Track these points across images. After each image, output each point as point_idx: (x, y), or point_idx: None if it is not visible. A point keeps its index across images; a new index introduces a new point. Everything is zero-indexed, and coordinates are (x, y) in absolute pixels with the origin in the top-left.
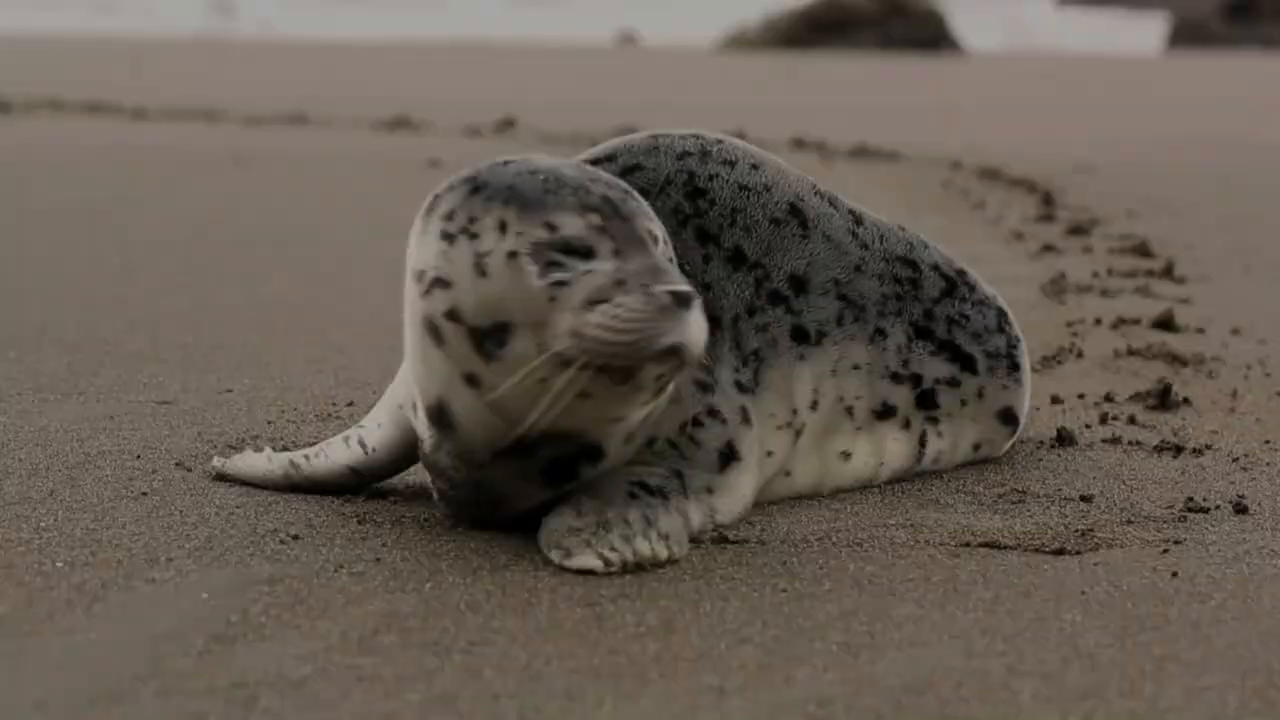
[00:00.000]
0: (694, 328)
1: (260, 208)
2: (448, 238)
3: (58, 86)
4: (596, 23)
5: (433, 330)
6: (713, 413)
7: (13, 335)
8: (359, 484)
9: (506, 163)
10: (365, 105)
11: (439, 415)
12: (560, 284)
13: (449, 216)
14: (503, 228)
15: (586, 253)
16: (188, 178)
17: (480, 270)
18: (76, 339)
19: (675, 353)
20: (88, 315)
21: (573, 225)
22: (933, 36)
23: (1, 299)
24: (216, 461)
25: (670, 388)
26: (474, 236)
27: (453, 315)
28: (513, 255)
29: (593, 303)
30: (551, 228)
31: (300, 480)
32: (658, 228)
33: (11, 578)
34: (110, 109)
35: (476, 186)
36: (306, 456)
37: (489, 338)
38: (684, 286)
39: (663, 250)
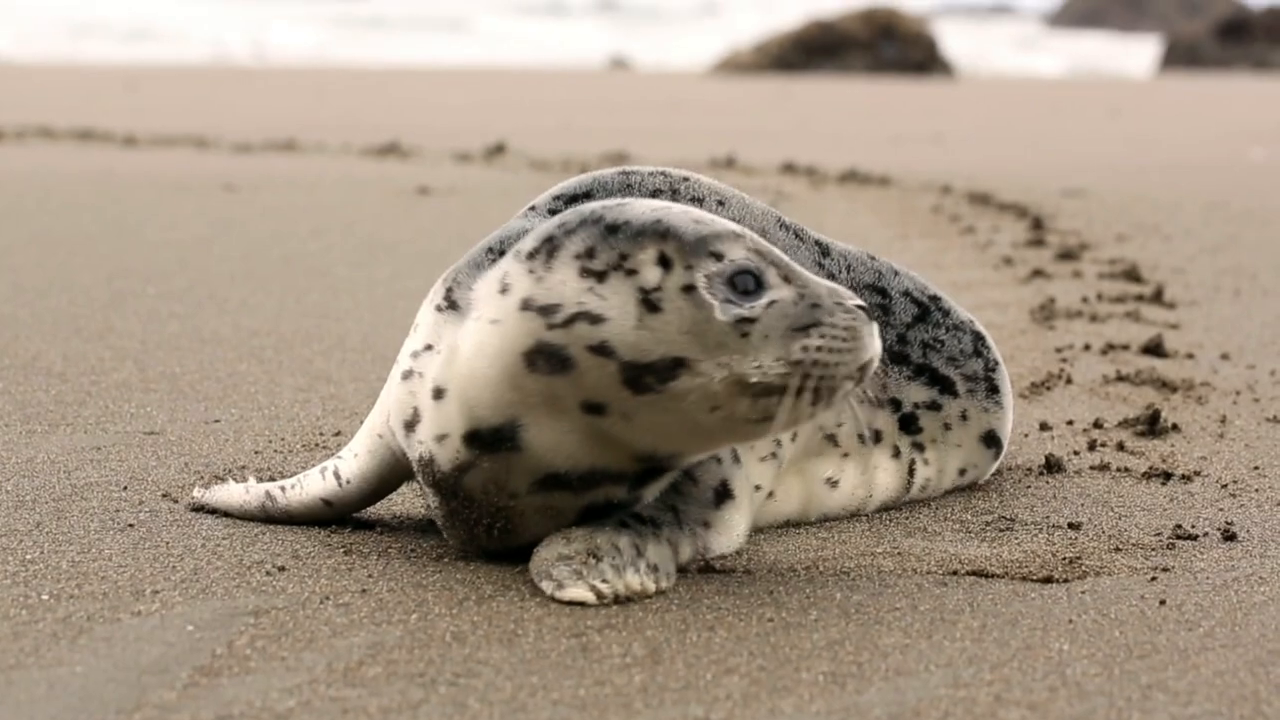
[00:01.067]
0: (879, 340)
1: (249, 235)
2: (594, 275)
3: (48, 113)
4: (588, 47)
5: (556, 359)
6: None
7: (1, 365)
8: (333, 515)
9: (616, 204)
10: (355, 132)
11: (497, 438)
12: (748, 319)
13: (589, 254)
14: (665, 263)
15: (758, 279)
16: (177, 205)
17: (650, 306)
18: (64, 369)
19: (868, 366)
20: (75, 345)
21: (737, 252)
22: (923, 59)
23: None
24: (196, 492)
25: None
26: (631, 273)
27: (602, 349)
28: (688, 289)
29: (797, 329)
30: (718, 257)
31: (276, 513)
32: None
33: None
34: (101, 136)
35: (611, 225)
36: (283, 488)
37: (651, 372)
38: (863, 301)
39: None
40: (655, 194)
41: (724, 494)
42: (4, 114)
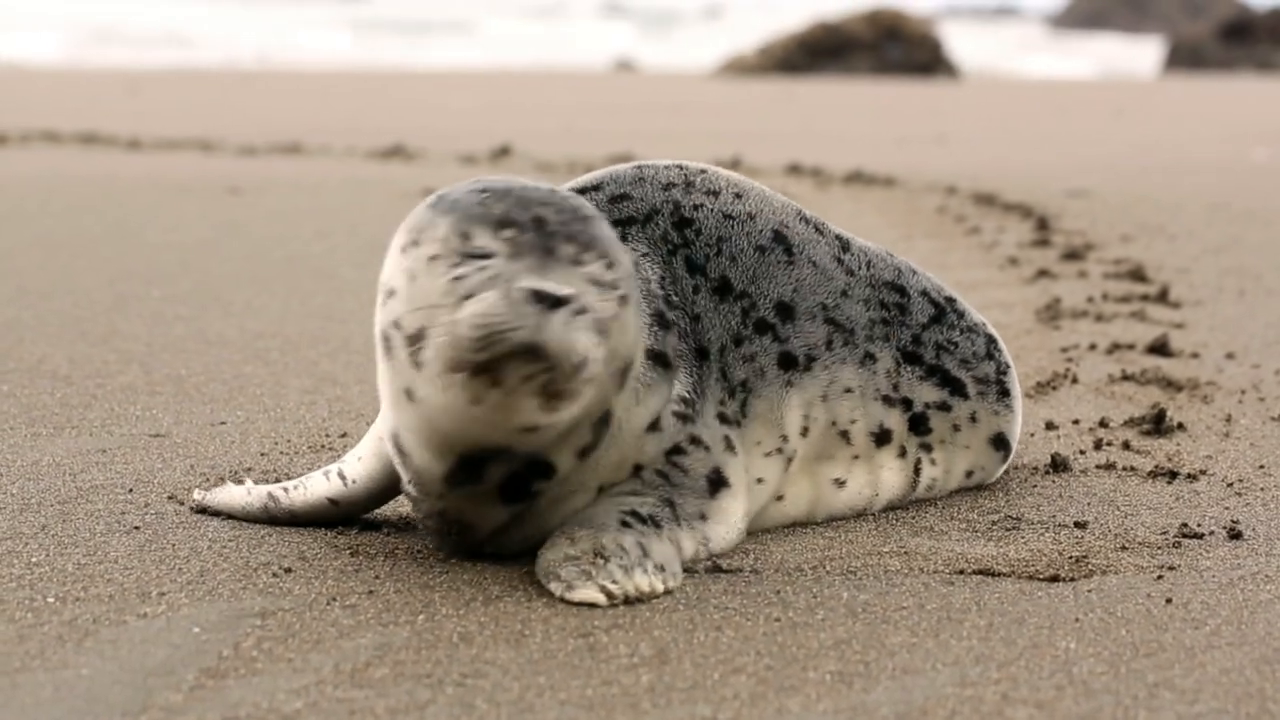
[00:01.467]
0: (555, 328)
1: (254, 238)
2: (402, 249)
3: (52, 118)
4: (592, 49)
5: (384, 341)
6: (695, 441)
7: (5, 368)
8: (337, 516)
9: (478, 180)
10: (360, 134)
11: (396, 443)
12: (458, 279)
13: (408, 229)
14: (429, 237)
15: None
16: (181, 208)
17: (411, 275)
18: (69, 371)
19: (533, 352)
20: (80, 348)
21: (484, 239)
22: (928, 61)
23: None
24: (197, 494)
25: (585, 392)
26: (417, 245)
27: (397, 324)
28: (434, 258)
29: (466, 299)
30: (465, 237)
31: (279, 513)
32: (598, 255)
33: (2, 614)
34: (105, 140)
35: (435, 201)
36: (285, 489)
37: (415, 343)
38: (556, 288)
39: (601, 272)
40: (669, 186)
41: (718, 482)
42: (8, 118)
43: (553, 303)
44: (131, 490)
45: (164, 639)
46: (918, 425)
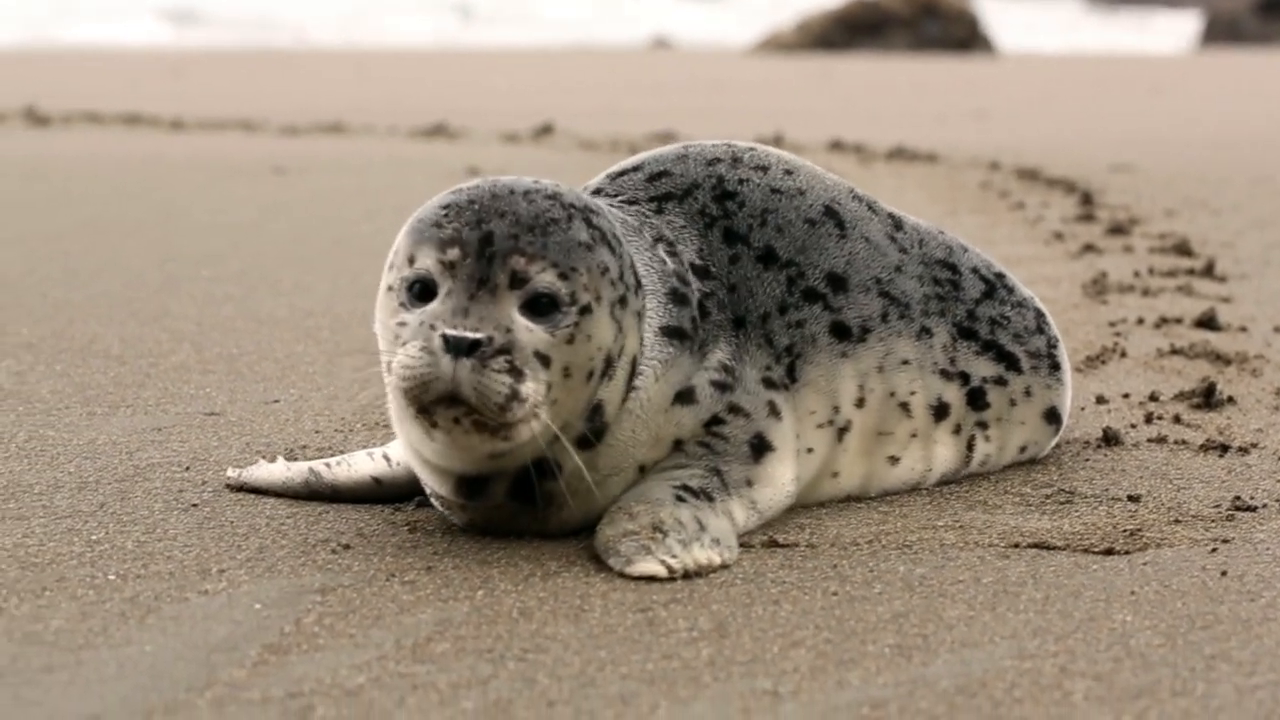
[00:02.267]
0: (464, 376)
1: (300, 218)
2: (385, 268)
3: (94, 99)
4: (628, 27)
5: (385, 368)
6: (734, 409)
7: (59, 349)
8: (380, 495)
9: (459, 188)
10: (401, 114)
11: (413, 459)
12: (402, 324)
13: (394, 246)
14: (395, 260)
15: (429, 288)
16: (227, 188)
17: (379, 306)
18: (121, 351)
19: (453, 399)
20: (132, 328)
21: (426, 261)
22: (965, 37)
23: (46, 312)
24: (232, 472)
25: (533, 416)
26: (390, 268)
27: (381, 354)
28: (389, 290)
29: (404, 345)
30: (412, 261)
31: (321, 488)
32: (549, 265)
33: (64, 591)
34: (148, 121)
35: (412, 217)
36: (328, 465)
37: (388, 370)
38: (466, 334)
39: (545, 287)
40: (713, 162)
41: (761, 447)
42: (50, 100)
43: (465, 349)
44: (188, 468)
45: (226, 615)
46: (975, 400)
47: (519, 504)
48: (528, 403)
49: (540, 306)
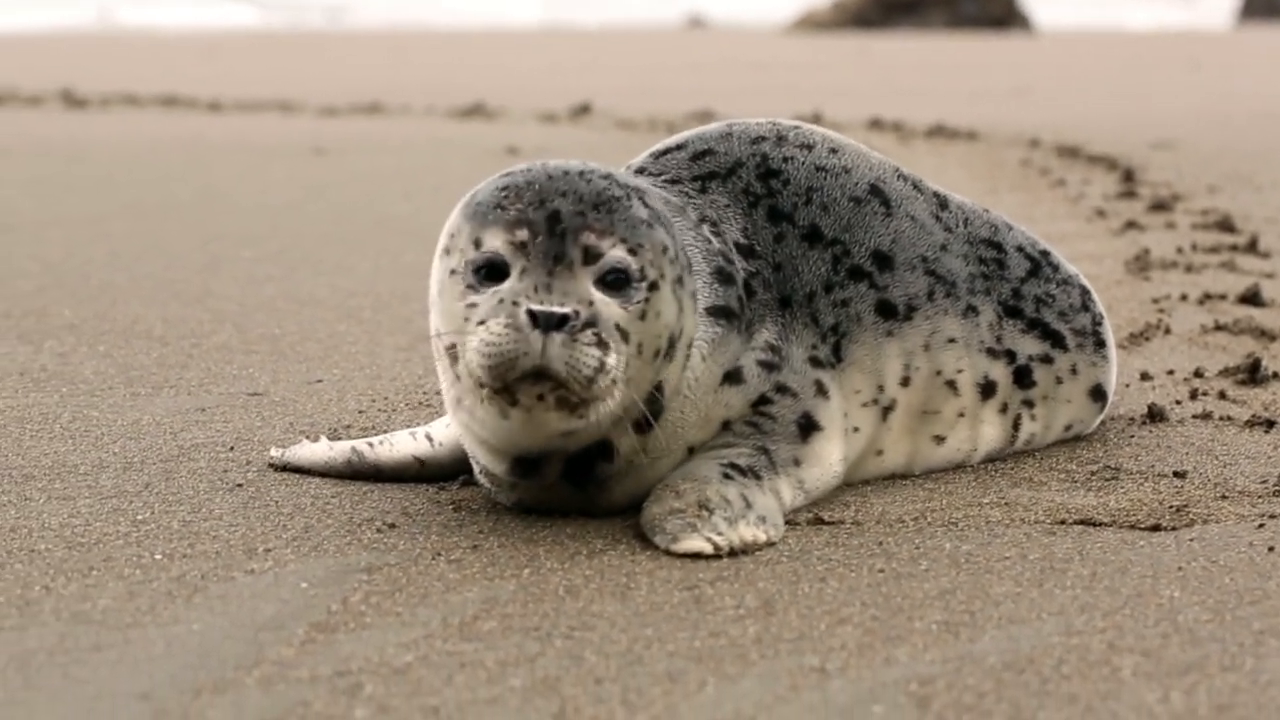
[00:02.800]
0: (555, 350)
1: (341, 198)
2: (439, 253)
3: (130, 81)
4: (663, 6)
5: (435, 348)
6: (781, 389)
7: (102, 330)
8: (423, 475)
9: (510, 171)
10: (439, 94)
11: (463, 440)
12: (473, 305)
13: (444, 231)
14: (455, 244)
15: (506, 270)
16: (267, 170)
17: (440, 288)
18: (164, 332)
19: (540, 375)
20: (174, 309)
21: (495, 243)
22: (1002, 14)
23: (88, 294)
24: (275, 452)
25: (611, 393)
26: (448, 253)
27: (438, 334)
28: (453, 273)
29: (482, 324)
30: (478, 245)
31: (363, 467)
32: (619, 241)
33: (111, 571)
34: (185, 102)
35: (465, 201)
36: (370, 444)
37: (452, 357)
38: (554, 309)
39: (617, 263)
40: (758, 140)
41: (809, 426)
42: (87, 83)
43: (555, 323)
44: (232, 448)
45: (272, 594)
46: (1022, 378)
47: (571, 485)
48: (610, 375)
49: (614, 281)
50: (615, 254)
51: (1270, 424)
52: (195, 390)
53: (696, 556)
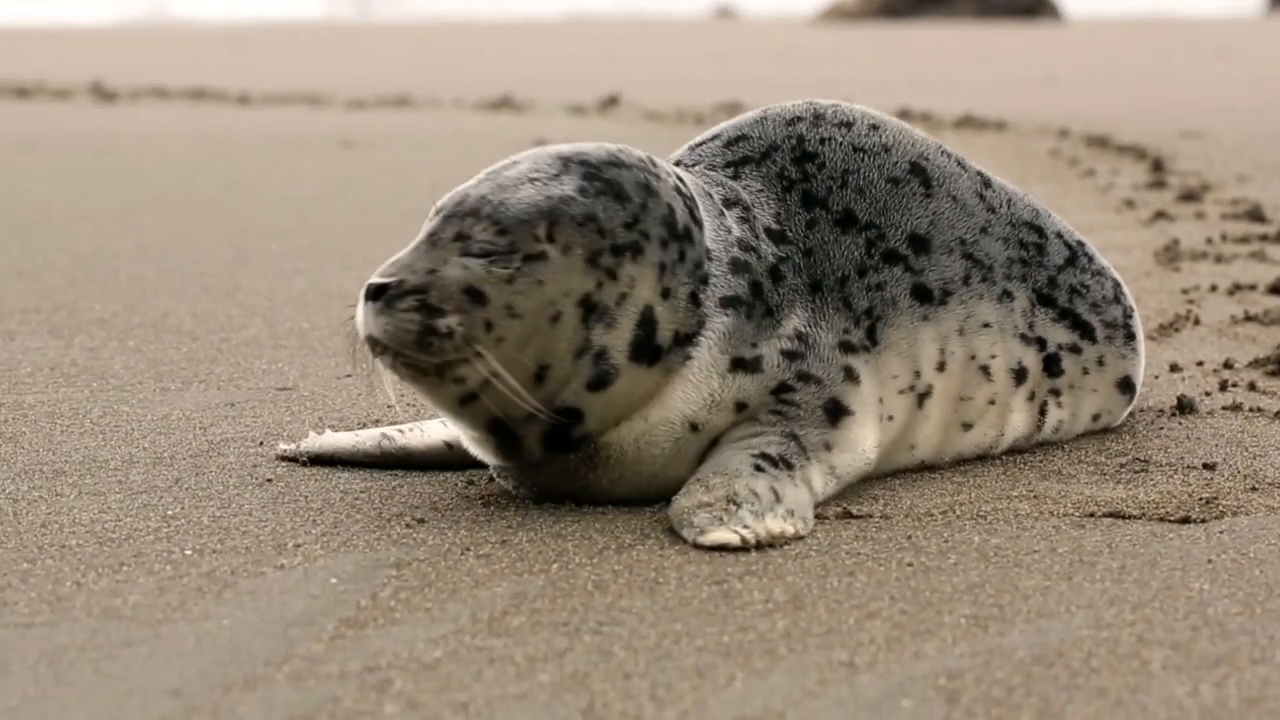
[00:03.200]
0: (371, 318)
1: (369, 192)
2: None
3: (158, 74)
4: None
5: None
6: (804, 376)
7: (131, 324)
8: (452, 461)
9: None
10: (467, 86)
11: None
12: None
13: None
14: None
15: None
16: (295, 163)
17: None
18: (193, 327)
19: (371, 342)
20: (203, 303)
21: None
22: (1031, 3)
23: (117, 288)
24: (306, 443)
25: (477, 351)
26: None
27: None
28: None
29: None
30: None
31: (393, 451)
32: (490, 223)
33: (141, 566)
34: (214, 95)
35: None
36: (401, 430)
37: None
38: (378, 279)
39: (481, 234)
40: (793, 122)
41: (838, 411)
42: (115, 76)
43: (371, 293)
44: (262, 443)
45: (302, 590)
46: (1050, 366)
47: (559, 456)
48: (452, 337)
49: (480, 252)
50: (483, 234)
51: None
52: (225, 385)
53: (724, 550)
